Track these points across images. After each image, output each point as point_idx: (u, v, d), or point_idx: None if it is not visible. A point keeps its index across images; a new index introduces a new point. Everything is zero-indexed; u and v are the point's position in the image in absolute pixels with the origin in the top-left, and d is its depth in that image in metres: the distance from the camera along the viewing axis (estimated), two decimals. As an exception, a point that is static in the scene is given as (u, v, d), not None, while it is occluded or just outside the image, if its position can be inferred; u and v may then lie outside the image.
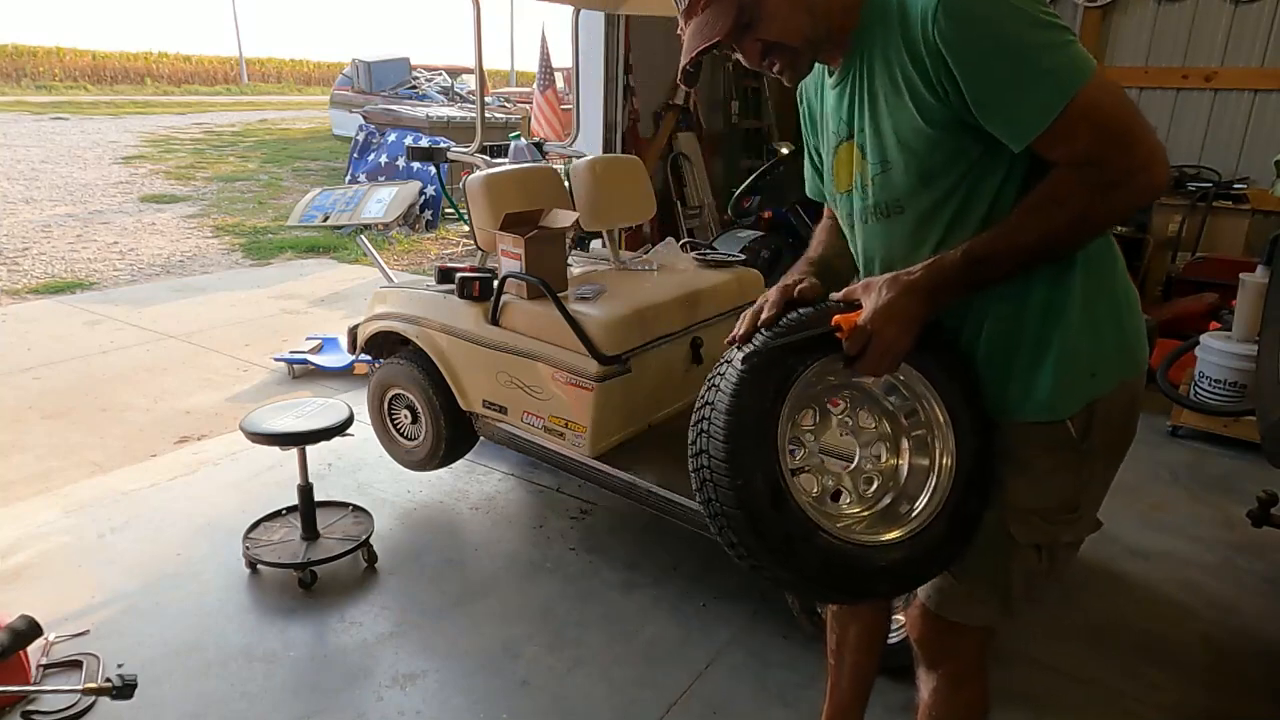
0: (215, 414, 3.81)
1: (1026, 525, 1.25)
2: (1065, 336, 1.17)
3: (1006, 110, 1.06)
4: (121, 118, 18.16)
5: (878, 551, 1.18)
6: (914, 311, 1.13)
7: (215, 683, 2.14)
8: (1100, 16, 5.31)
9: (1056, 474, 1.23)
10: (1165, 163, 1.06)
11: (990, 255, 1.11)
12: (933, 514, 1.21)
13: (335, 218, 7.87)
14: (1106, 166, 1.04)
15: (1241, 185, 4.99)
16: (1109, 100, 1.04)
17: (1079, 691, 2.19)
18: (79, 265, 6.54)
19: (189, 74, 30.12)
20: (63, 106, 19.67)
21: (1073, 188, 1.06)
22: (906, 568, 1.20)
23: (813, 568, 1.15)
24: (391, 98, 13.81)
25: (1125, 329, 1.22)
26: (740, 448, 1.14)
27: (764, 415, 1.15)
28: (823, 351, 1.18)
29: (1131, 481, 3.33)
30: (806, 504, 1.17)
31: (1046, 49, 1.03)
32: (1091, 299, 1.18)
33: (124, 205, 9.03)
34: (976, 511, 1.25)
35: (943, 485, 1.22)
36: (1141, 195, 1.07)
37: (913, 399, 1.24)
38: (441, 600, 2.50)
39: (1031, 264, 1.13)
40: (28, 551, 2.68)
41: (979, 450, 1.23)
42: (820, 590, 1.22)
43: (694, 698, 2.12)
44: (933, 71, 1.08)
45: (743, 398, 1.16)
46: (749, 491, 1.13)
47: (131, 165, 11.67)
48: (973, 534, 1.26)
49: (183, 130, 16.37)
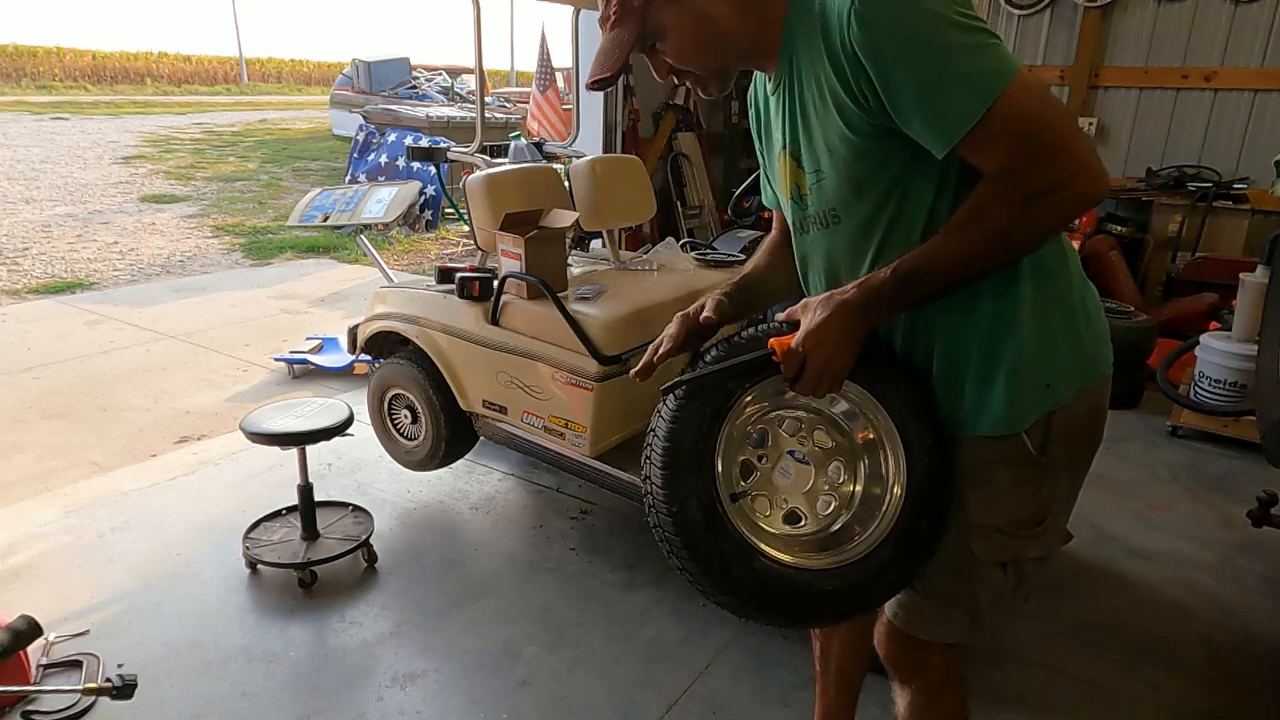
0: (215, 414, 3.81)
1: (990, 543, 1.22)
2: (1016, 349, 1.14)
3: (925, 116, 1.02)
4: (121, 118, 18.16)
5: (820, 576, 1.18)
6: (847, 330, 1.10)
7: (215, 683, 2.14)
8: (1100, 16, 5.31)
9: (1017, 490, 1.20)
10: (1097, 172, 1.00)
11: (918, 271, 1.07)
12: (880, 538, 1.20)
13: (335, 218, 7.87)
14: (1030, 176, 0.99)
15: (1241, 185, 4.99)
16: (1033, 105, 0.99)
17: (1078, 691, 2.19)
18: (79, 265, 6.54)
19: (189, 74, 30.12)
20: (63, 106, 19.67)
21: (995, 199, 1.02)
22: (850, 593, 1.19)
23: (749, 591, 1.16)
24: (391, 98, 13.81)
25: (1081, 338, 1.18)
26: (676, 474, 1.16)
27: (701, 441, 1.16)
28: (762, 375, 1.18)
29: (1131, 481, 3.34)
30: (752, 527, 1.18)
31: (965, 52, 0.99)
32: (1043, 309, 1.14)
33: (124, 205, 9.03)
34: (929, 532, 1.22)
35: (893, 508, 1.20)
36: (1070, 207, 1.02)
37: (864, 418, 1.23)
38: (441, 600, 2.50)
39: (965, 279, 1.09)
40: (28, 551, 2.68)
41: (932, 468, 1.20)
42: (760, 614, 1.21)
43: (694, 698, 2.13)
44: (853, 78, 1.04)
45: (679, 425, 1.17)
46: (684, 517, 1.15)
47: (131, 165, 11.67)
48: (923, 556, 1.23)
49: (183, 130, 16.37)
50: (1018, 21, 5.66)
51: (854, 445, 1.24)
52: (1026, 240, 1.05)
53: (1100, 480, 3.34)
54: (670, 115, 5.88)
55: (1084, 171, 1.00)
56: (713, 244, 4.06)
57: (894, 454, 1.21)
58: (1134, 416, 4.02)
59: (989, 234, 1.03)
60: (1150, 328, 4.00)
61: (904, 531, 1.20)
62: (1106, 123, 5.51)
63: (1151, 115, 5.36)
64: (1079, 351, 1.18)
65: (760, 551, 1.16)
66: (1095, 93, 5.49)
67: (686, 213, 5.88)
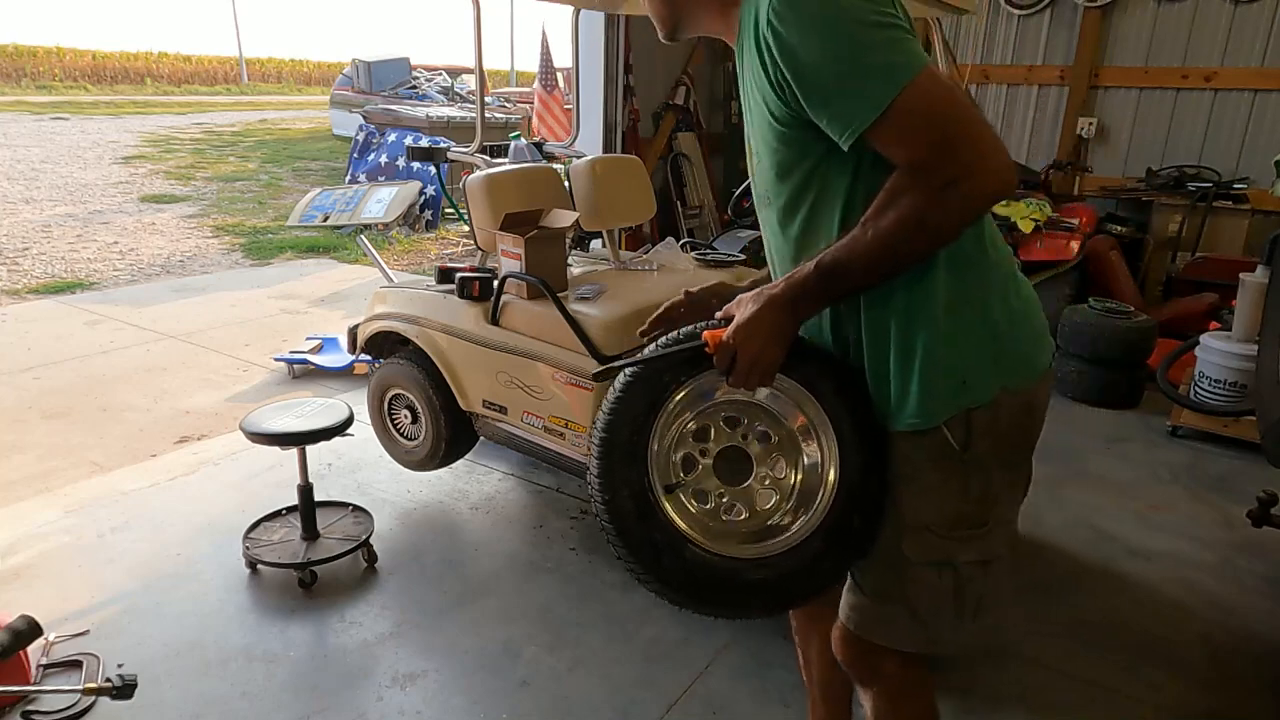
0: (215, 414, 3.81)
1: (919, 542, 1.22)
2: (929, 342, 1.14)
3: (831, 107, 1.05)
4: (121, 118, 18.15)
5: (750, 566, 1.21)
6: (776, 324, 1.13)
7: (215, 683, 2.14)
8: (1100, 16, 5.32)
9: (944, 486, 1.20)
10: (999, 168, 1.02)
11: (840, 264, 1.10)
12: (812, 530, 1.22)
13: (335, 218, 7.87)
14: (933, 169, 1.02)
15: (1241, 185, 4.99)
16: (936, 100, 1.01)
17: (1078, 691, 2.19)
18: (79, 265, 6.54)
19: (189, 74, 30.11)
20: (63, 106, 19.67)
21: (902, 191, 1.04)
22: (780, 583, 1.21)
23: (679, 580, 1.20)
24: (391, 98, 13.80)
25: (1003, 335, 1.18)
26: (611, 463, 1.21)
27: (636, 432, 1.21)
28: (698, 368, 1.21)
29: (1131, 481, 3.34)
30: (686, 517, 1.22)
31: (873, 47, 1.02)
32: (958, 305, 1.14)
33: (124, 205, 9.03)
34: (862, 527, 1.23)
35: (825, 501, 1.22)
36: (974, 201, 1.04)
37: (799, 413, 1.25)
38: (441, 600, 2.50)
39: (885, 271, 1.10)
40: (28, 551, 2.68)
41: (865, 463, 1.21)
42: (690, 601, 1.23)
43: (694, 698, 2.13)
44: (772, 69, 1.07)
45: (616, 416, 1.22)
46: (617, 505, 1.20)
47: (131, 165, 11.67)
48: (855, 550, 1.24)
49: (183, 130, 16.37)
50: (1018, 21, 5.67)
51: (791, 439, 1.26)
52: (937, 233, 1.06)
53: (1100, 480, 3.34)
54: (670, 115, 5.89)
55: (986, 166, 1.01)
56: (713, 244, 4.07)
57: (828, 447, 1.23)
58: (1134, 416, 4.02)
59: (898, 226, 1.05)
60: (1150, 328, 4.00)
61: (835, 524, 1.21)
62: (1106, 123, 5.52)
63: (1151, 115, 5.36)
64: (1001, 350, 1.18)
65: (691, 540, 1.20)
66: (1095, 93, 5.50)
67: (686, 213, 5.88)
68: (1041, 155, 5.67)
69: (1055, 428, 3.78)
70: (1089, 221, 4.71)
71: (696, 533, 1.22)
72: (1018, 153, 5.74)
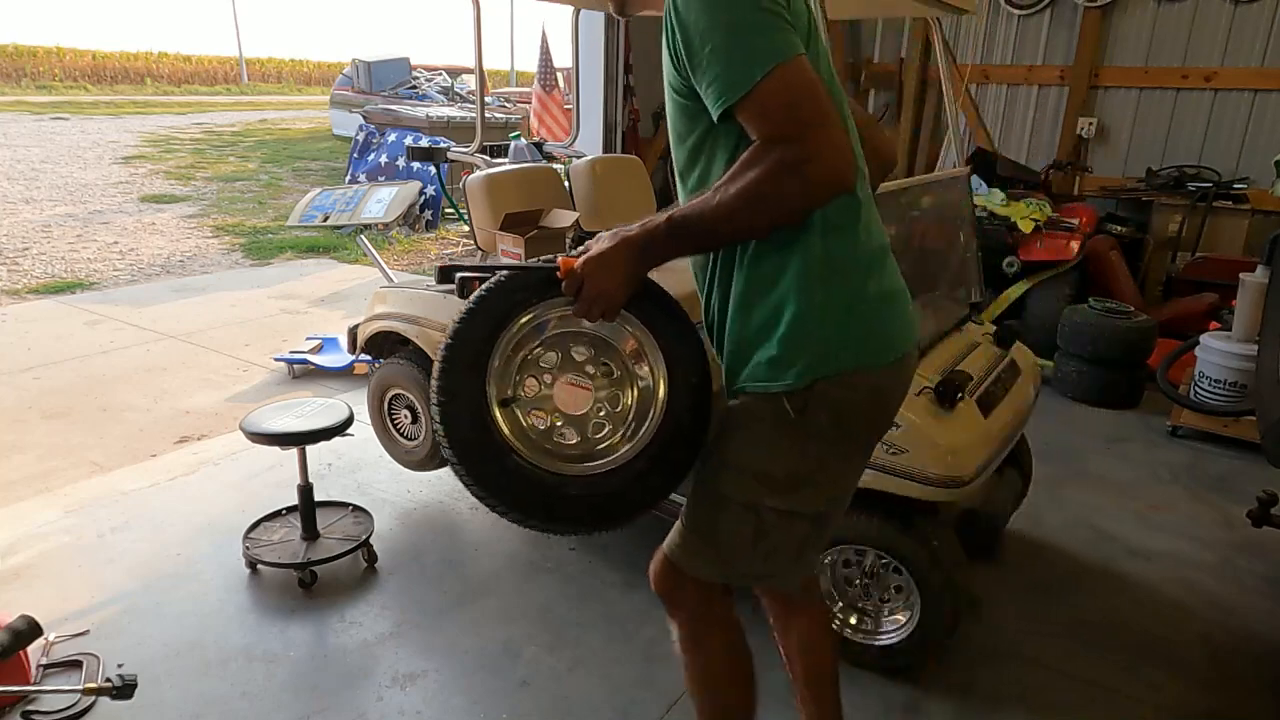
0: (215, 414, 3.81)
1: (736, 483, 1.32)
2: (790, 313, 1.22)
3: (709, 78, 1.13)
4: (121, 118, 18.16)
5: (572, 482, 1.31)
6: (623, 262, 1.23)
7: (215, 683, 2.14)
8: (1100, 16, 5.32)
9: (776, 445, 1.29)
10: (840, 164, 1.10)
11: (688, 220, 1.18)
12: (634, 454, 1.32)
13: (335, 218, 7.87)
14: (778, 149, 1.10)
15: (1241, 185, 4.99)
16: (799, 89, 1.10)
17: (1078, 691, 2.19)
18: (79, 265, 6.54)
19: (189, 74, 30.11)
20: (63, 106, 19.67)
21: (751, 165, 1.12)
22: (600, 501, 1.32)
23: (501, 487, 1.29)
24: (391, 98, 13.81)
25: (858, 317, 1.25)
26: (452, 371, 1.29)
27: (481, 343, 1.30)
28: (549, 293, 1.31)
29: (1131, 481, 3.34)
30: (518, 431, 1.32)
31: (753, 29, 1.10)
32: (823, 282, 1.22)
33: (124, 205, 9.03)
34: (683, 460, 1.34)
35: (650, 432, 1.33)
36: (811, 187, 1.11)
37: (640, 349, 1.36)
38: (441, 600, 2.50)
39: (728, 234, 1.20)
40: (28, 551, 2.68)
41: (694, 404, 1.33)
42: (512, 510, 1.31)
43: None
44: (669, 37, 1.17)
45: (464, 327, 1.31)
46: (452, 409, 1.29)
47: (131, 165, 11.67)
48: (674, 479, 1.35)
49: (183, 130, 16.37)
50: (1018, 21, 5.67)
51: (630, 372, 1.37)
52: (774, 209, 1.14)
53: (1100, 480, 3.34)
54: (670, 115, 5.88)
55: (828, 159, 1.10)
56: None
57: (661, 385, 1.34)
58: (1134, 416, 4.02)
59: (739, 197, 1.13)
60: (1150, 328, 4.00)
61: (658, 453, 1.32)
62: (1106, 123, 5.52)
63: (1151, 115, 5.36)
64: (854, 333, 1.25)
65: (516, 451, 1.29)
66: (1095, 93, 5.50)
67: (686, 213, 5.87)
68: (1041, 155, 5.67)
69: (1055, 428, 3.79)
70: (1089, 221, 4.71)
71: (522, 445, 1.31)
72: (1018, 153, 5.75)
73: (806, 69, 1.11)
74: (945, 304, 2.59)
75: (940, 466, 1.93)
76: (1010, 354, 2.53)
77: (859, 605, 2.22)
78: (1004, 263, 4.53)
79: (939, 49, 2.96)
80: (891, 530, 2.03)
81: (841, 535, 2.11)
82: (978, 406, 2.15)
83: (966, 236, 2.75)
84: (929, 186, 2.70)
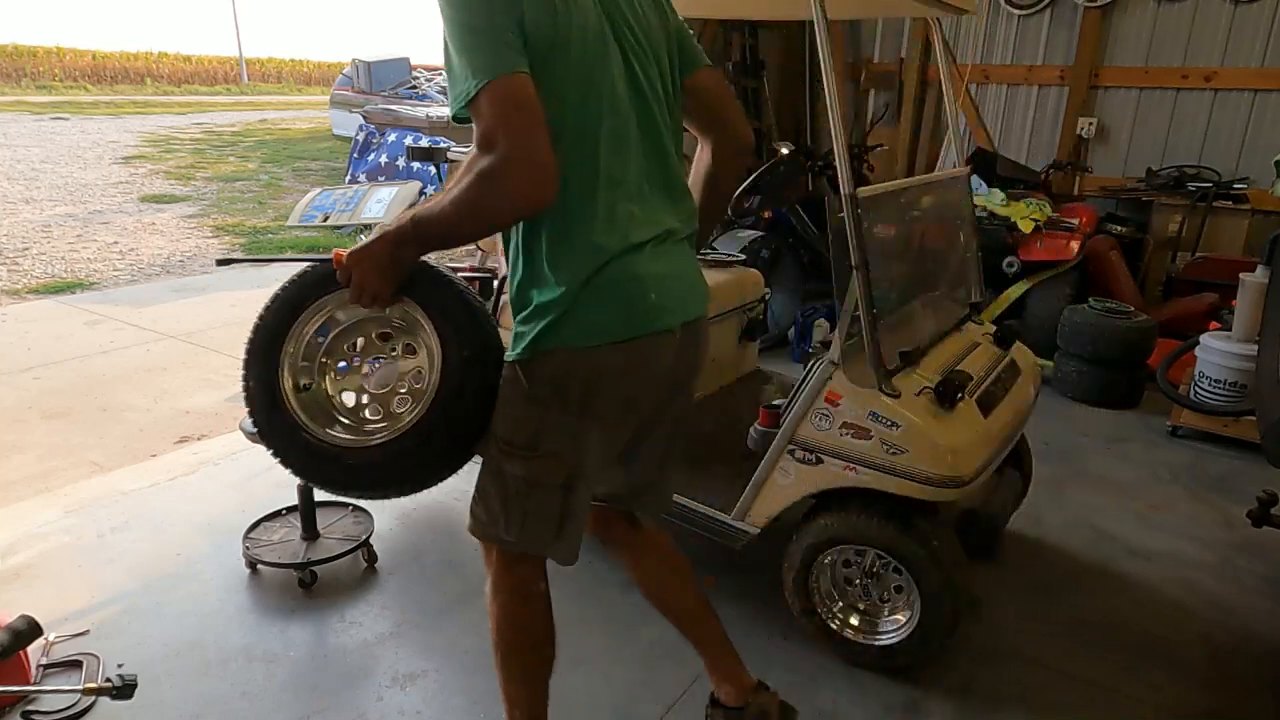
0: (215, 414, 3.81)
1: (490, 449, 1.47)
2: (540, 296, 1.36)
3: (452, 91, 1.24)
4: (121, 118, 18.15)
5: (350, 453, 1.48)
6: (378, 256, 1.36)
7: (215, 683, 2.14)
8: (1100, 16, 5.32)
9: (510, 406, 1.43)
10: (532, 180, 1.20)
11: (425, 218, 1.31)
12: (403, 430, 1.45)
13: (335, 218, 7.84)
14: (485, 154, 1.20)
15: (1241, 185, 4.99)
16: (508, 106, 1.19)
17: (1078, 691, 2.19)
18: (79, 265, 6.54)
19: (189, 74, 30.13)
20: (63, 106, 19.67)
21: (467, 172, 1.24)
22: (375, 469, 1.47)
23: (295, 458, 1.51)
24: (391, 98, 13.79)
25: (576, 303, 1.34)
26: (253, 358, 1.52)
27: (275, 333, 1.51)
28: (334, 286, 1.44)
29: (1131, 481, 3.34)
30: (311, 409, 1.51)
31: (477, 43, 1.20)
32: (540, 273, 1.35)
33: (124, 205, 9.03)
34: (456, 435, 1.47)
35: (422, 408, 1.45)
36: (506, 198, 1.21)
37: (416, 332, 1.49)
38: (441, 600, 2.50)
39: (457, 236, 1.35)
40: (28, 551, 2.68)
41: (463, 380, 1.44)
42: (307, 476, 1.57)
43: (694, 698, 2.12)
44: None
45: (264, 319, 1.52)
46: (250, 392, 1.52)
47: (131, 165, 11.67)
48: (446, 455, 1.50)
49: (183, 130, 16.37)
50: (1018, 21, 5.67)
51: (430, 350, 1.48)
52: (482, 213, 1.26)
53: (1100, 480, 3.34)
54: (670, 115, 5.87)
55: (520, 174, 1.20)
56: (712, 244, 4.06)
57: (432, 364, 1.46)
58: (1134, 416, 4.02)
59: (455, 201, 1.25)
60: (1150, 328, 4.00)
61: (428, 427, 1.44)
62: (1106, 123, 5.52)
63: (1151, 115, 5.36)
64: (568, 316, 1.35)
65: (304, 427, 1.49)
66: (1095, 93, 5.50)
67: (686, 213, 5.87)
68: (1041, 155, 5.68)
69: (1055, 428, 3.80)
70: (1089, 221, 4.71)
71: (310, 421, 1.50)
72: (1018, 153, 5.75)
73: (517, 88, 1.20)
74: (945, 304, 2.59)
75: (940, 466, 1.93)
76: (1010, 354, 2.53)
77: (859, 605, 2.22)
78: (1004, 263, 4.53)
79: (939, 49, 2.96)
80: (891, 530, 2.03)
81: (841, 535, 2.11)
82: (978, 406, 2.15)
83: (966, 236, 2.75)
84: (929, 186, 2.70)
